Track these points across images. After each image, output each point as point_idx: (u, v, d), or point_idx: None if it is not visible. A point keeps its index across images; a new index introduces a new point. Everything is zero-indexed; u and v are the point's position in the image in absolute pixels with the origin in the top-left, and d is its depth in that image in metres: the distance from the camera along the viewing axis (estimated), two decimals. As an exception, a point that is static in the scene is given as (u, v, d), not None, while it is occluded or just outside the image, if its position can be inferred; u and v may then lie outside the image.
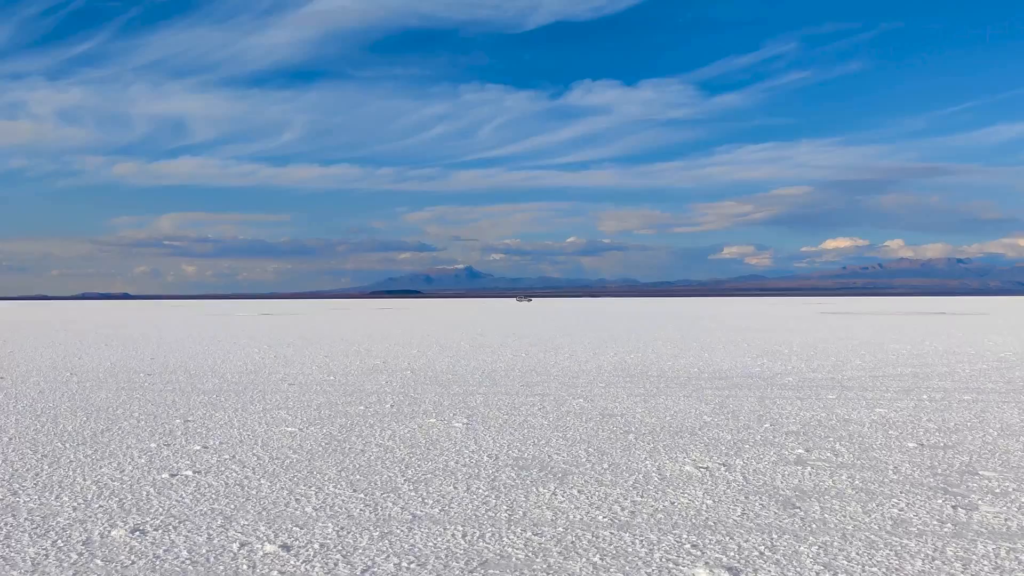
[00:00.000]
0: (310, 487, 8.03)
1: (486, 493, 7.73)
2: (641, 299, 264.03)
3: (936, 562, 5.79)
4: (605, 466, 8.90)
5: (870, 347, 27.28)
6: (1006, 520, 6.78)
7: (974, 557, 5.89)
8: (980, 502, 7.34)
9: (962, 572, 5.60)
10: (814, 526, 6.63)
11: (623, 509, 7.14)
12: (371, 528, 6.65)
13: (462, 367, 20.62)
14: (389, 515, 7.02)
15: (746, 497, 7.53)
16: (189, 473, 8.64)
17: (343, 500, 7.52)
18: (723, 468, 8.77)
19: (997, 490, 7.79)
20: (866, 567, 5.69)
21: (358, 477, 8.45)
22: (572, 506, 7.25)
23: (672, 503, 7.33)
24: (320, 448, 10.02)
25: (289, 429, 11.43)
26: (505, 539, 6.35)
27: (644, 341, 31.43)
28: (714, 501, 7.39)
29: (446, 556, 5.97)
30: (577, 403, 13.87)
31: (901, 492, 7.71)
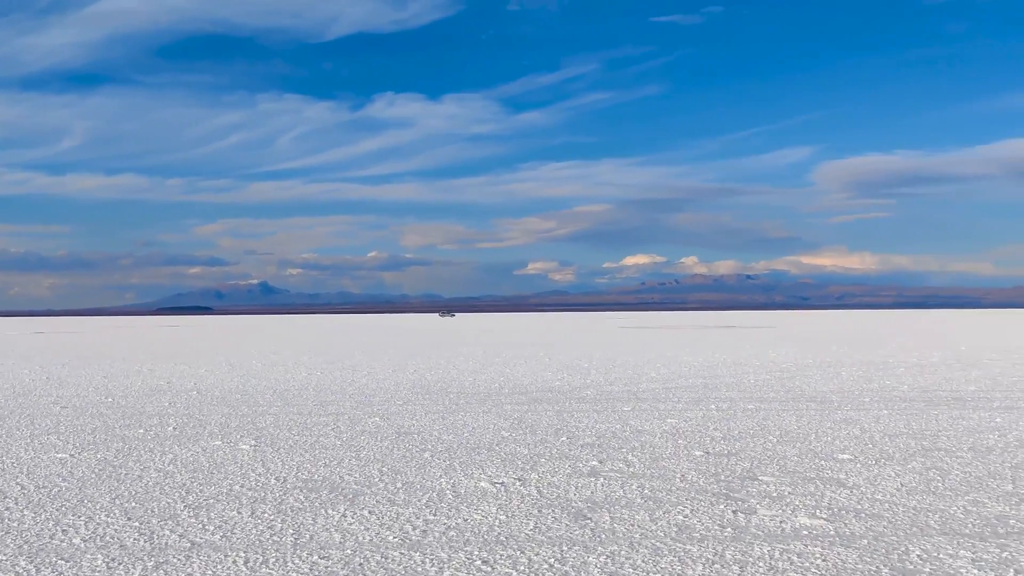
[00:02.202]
0: (79, 517, 7.59)
1: (272, 517, 7.55)
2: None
3: (716, 565, 6.12)
4: (398, 485, 8.88)
5: (665, 360, 28.55)
6: (781, 523, 7.26)
7: (751, 559, 6.26)
8: (758, 506, 7.82)
9: (739, 574, 5.94)
10: (603, 536, 6.86)
11: (415, 528, 7.15)
12: (145, 558, 6.36)
13: (252, 387, 20.08)
14: (166, 544, 6.74)
15: (539, 511, 7.71)
16: (-63, 508, 7.99)
17: (115, 530, 7.16)
18: (518, 483, 8.94)
19: (774, 494, 8.33)
20: (650, 574, 5.95)
21: (133, 504, 8.07)
22: (362, 527, 7.20)
23: (465, 520, 7.41)
24: (93, 475, 9.49)
25: (59, 455, 10.77)
26: (290, 564, 6.22)
27: (445, 357, 31.63)
28: (507, 516, 7.52)
29: (226, 585, 5.78)
30: (373, 422, 13.78)
31: (687, 499, 8.11)
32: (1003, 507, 7.75)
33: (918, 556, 6.30)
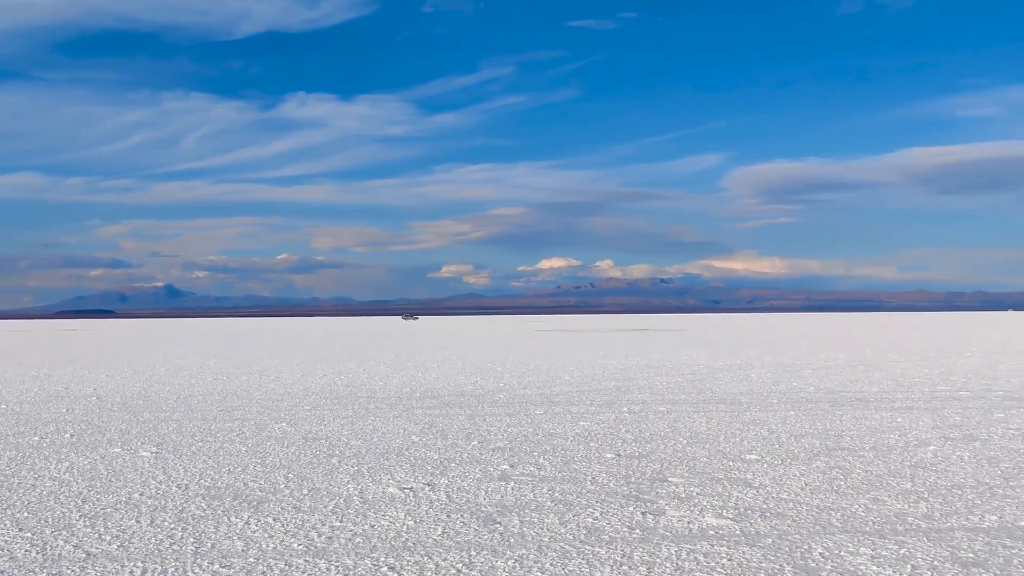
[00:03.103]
0: (-36, 530, 7.31)
1: (172, 526, 7.39)
2: (356, 318, 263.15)
3: (623, 567, 6.19)
4: (304, 491, 8.78)
5: (579, 363, 28.79)
6: (688, 523, 7.38)
7: (658, 560, 6.35)
8: (667, 507, 7.94)
9: (646, 575, 6.02)
10: (512, 540, 6.88)
11: (320, 535, 7.07)
12: (37, 570, 6.16)
13: (156, 392, 19.62)
14: (59, 555, 6.54)
15: (448, 516, 7.69)
16: None
17: (6, 541, 6.92)
18: (427, 488, 8.91)
19: (683, 495, 8.46)
20: (559, 577, 5.98)
21: (26, 515, 7.81)
22: (266, 535, 7.09)
23: (372, 526, 7.35)
24: (-20, 486, 9.15)
25: (-57, 466, 10.36)
26: (189, 573, 6.09)
27: (356, 361, 31.38)
28: (415, 521, 7.49)
29: (122, 597, 5.64)
30: (279, 427, 13.59)
31: (597, 502, 8.18)
32: (902, 505, 8.01)
33: (820, 554, 6.47)
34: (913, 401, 16.59)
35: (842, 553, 6.48)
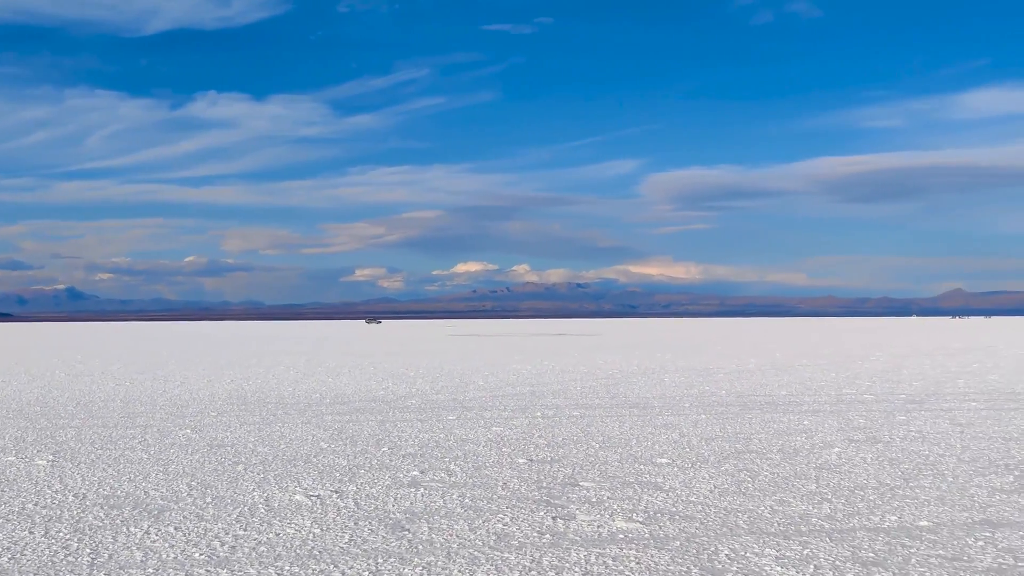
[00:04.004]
0: None
1: (67, 536, 7.18)
2: (267, 322, 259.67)
3: (533, 572, 6.22)
4: (208, 500, 8.61)
5: (493, 368, 28.83)
6: (598, 527, 7.45)
7: (567, 564, 6.39)
8: (578, 512, 8.00)
9: (555, 580, 6.06)
10: (421, 547, 6.86)
11: (223, 544, 6.95)
12: (-82, 587, 5.93)
13: (54, 398, 19.05)
14: (-56, 570, 6.29)
15: (356, 523, 7.63)
16: None
17: None
18: (335, 495, 8.82)
19: (594, 499, 8.54)
20: (467, 583, 5.98)
21: (-92, 529, 7.50)
22: (166, 545, 6.94)
23: (277, 534, 7.25)
24: None
25: None
26: (84, 586, 5.93)
27: (265, 366, 30.93)
28: (322, 529, 7.41)
29: (11, 611, 5.46)
30: (183, 434, 13.32)
31: (507, 507, 8.20)
32: (807, 506, 8.21)
33: (726, 555, 6.59)
34: (820, 404, 17.02)
35: (747, 554, 6.61)
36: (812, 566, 6.33)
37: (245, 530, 7.39)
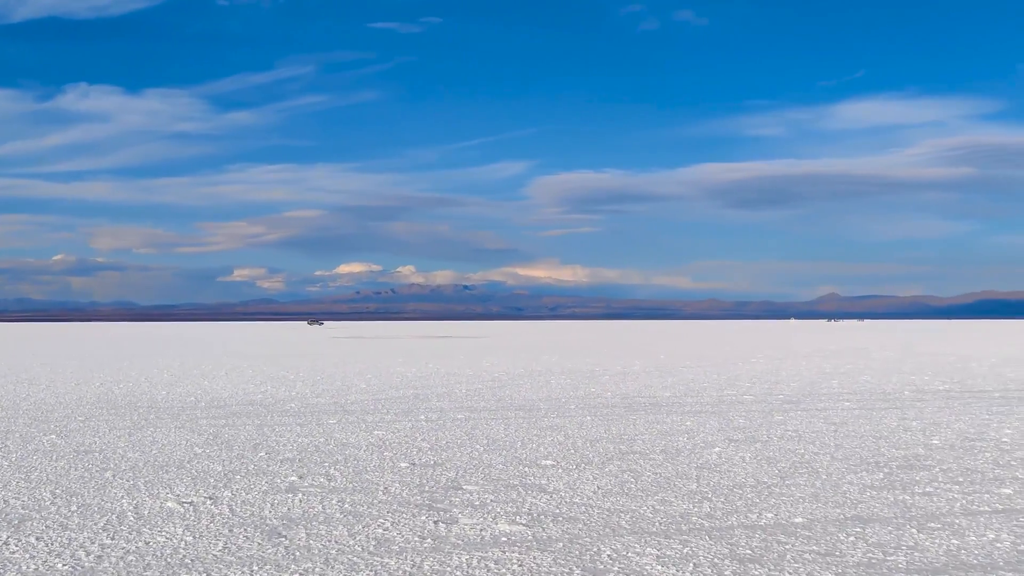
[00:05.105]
0: None
1: (-84, 551, 6.82)
2: (140, 324, 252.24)
3: (413, 577, 6.18)
4: (73, 508, 8.30)
5: (376, 371, 28.61)
6: (481, 530, 7.45)
7: (448, 568, 6.38)
8: (460, 515, 7.99)
9: (436, 584, 6.04)
10: (298, 554, 6.75)
11: (88, 554, 6.70)
12: None
13: (-96, 404, 18.08)
14: None
15: (230, 530, 7.46)
16: None
17: None
18: (209, 501, 8.61)
19: (477, 502, 8.54)
20: (345, 589, 5.91)
21: None
22: (27, 556, 6.66)
23: (147, 543, 7.03)
24: None
25: None
26: (-66, 602, 5.64)
27: (137, 369, 30.02)
28: (195, 537, 7.22)
29: None
30: (48, 440, 12.81)
31: (388, 512, 8.14)
32: (687, 505, 8.39)
33: (608, 556, 6.68)
34: (702, 405, 17.42)
35: (629, 554, 6.71)
36: (692, 564, 6.46)
37: (112, 539, 7.15)
